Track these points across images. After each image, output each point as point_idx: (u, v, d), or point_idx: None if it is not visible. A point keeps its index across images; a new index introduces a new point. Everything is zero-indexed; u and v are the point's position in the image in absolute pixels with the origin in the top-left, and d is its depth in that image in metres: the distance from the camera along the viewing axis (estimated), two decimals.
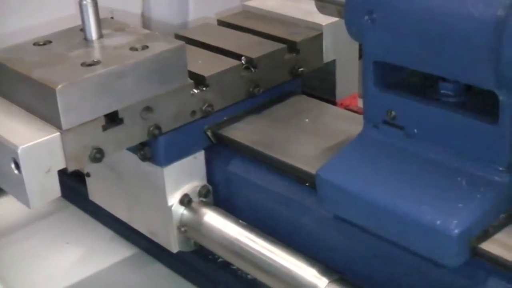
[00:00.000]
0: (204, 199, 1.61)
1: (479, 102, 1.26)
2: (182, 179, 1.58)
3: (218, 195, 1.64)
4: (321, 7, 1.50)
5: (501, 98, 1.18)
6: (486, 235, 1.19)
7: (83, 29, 1.54)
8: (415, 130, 1.31)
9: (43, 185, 1.34)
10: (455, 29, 1.18)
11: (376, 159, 1.34)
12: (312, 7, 1.73)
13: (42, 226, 1.98)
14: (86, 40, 1.53)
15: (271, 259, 1.43)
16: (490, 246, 1.18)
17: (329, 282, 1.34)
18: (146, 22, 2.35)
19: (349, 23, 1.36)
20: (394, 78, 1.35)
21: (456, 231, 1.17)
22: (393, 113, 1.33)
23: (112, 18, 1.87)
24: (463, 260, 1.19)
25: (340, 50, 1.82)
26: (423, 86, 1.33)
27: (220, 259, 1.63)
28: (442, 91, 1.31)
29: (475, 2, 1.16)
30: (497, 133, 1.20)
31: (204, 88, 1.56)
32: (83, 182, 1.82)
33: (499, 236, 1.20)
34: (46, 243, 1.91)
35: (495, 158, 1.22)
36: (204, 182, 1.62)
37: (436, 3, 1.21)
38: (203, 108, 1.56)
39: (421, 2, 1.23)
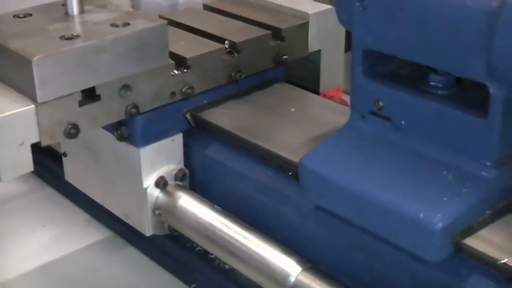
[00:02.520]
0: (180, 183, 1.54)
1: (469, 96, 1.20)
2: (158, 161, 1.50)
3: (195, 179, 1.56)
4: None
5: (491, 91, 1.12)
6: (470, 230, 1.13)
7: (64, 4, 1.47)
8: (403, 122, 1.24)
9: (16, 158, 1.29)
10: (448, 18, 1.12)
11: (361, 149, 1.27)
12: None
13: (18, 206, 1.91)
14: (67, 15, 1.47)
15: (244, 245, 1.37)
16: (474, 242, 1.11)
17: (302, 270, 1.28)
18: (136, 4, 2.27)
19: (340, 9, 1.29)
20: (383, 68, 1.29)
21: (439, 225, 1.10)
22: (380, 103, 1.26)
23: None
24: (446, 256, 1.12)
25: (326, 40, 1.75)
26: (412, 77, 1.27)
27: (198, 248, 1.55)
28: (431, 83, 1.24)
29: None
30: (486, 127, 1.14)
31: (185, 70, 1.49)
32: (60, 163, 1.74)
33: (484, 232, 1.13)
34: (20, 224, 1.83)
35: (482, 153, 1.15)
36: (181, 165, 1.54)
37: None
38: (183, 90, 1.49)
39: None
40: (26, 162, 1.30)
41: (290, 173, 1.35)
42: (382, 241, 1.20)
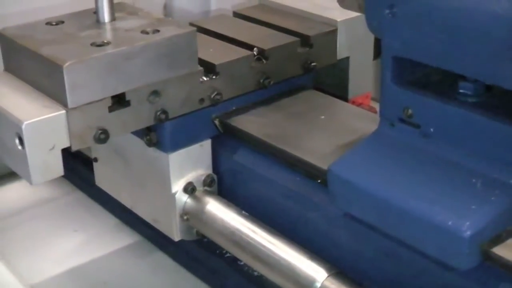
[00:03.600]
0: (208, 188, 1.53)
1: (498, 103, 1.18)
2: (187, 167, 1.50)
3: (223, 185, 1.55)
4: (342, 0, 1.40)
5: None
6: (499, 239, 1.10)
7: (96, 12, 1.47)
8: (432, 129, 1.22)
9: (46, 162, 1.29)
10: (478, 26, 1.10)
11: (390, 157, 1.26)
12: (329, 2, 1.64)
13: (49, 210, 1.91)
14: (99, 22, 1.47)
15: (271, 250, 1.36)
16: (503, 251, 1.09)
17: (328, 276, 1.27)
18: (168, 12, 2.27)
19: (370, 17, 1.27)
20: (412, 75, 1.27)
21: (468, 232, 1.08)
22: (410, 111, 1.25)
23: None
24: (474, 264, 1.10)
25: (355, 47, 1.74)
26: (442, 85, 1.25)
27: (227, 254, 1.54)
28: (461, 91, 1.22)
29: None
30: None
31: (213, 76, 1.48)
32: (91, 167, 1.74)
33: None
34: (52, 227, 1.83)
35: None
36: (209, 171, 1.53)
37: None
38: (212, 96, 1.48)
39: None
40: (57, 167, 1.30)
41: (319, 180, 1.34)
42: (410, 248, 1.18)
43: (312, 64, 1.63)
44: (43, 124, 1.26)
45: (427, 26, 1.16)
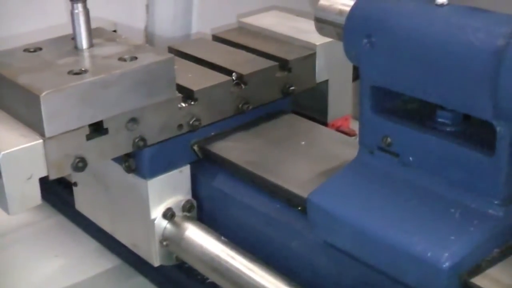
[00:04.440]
0: (187, 214, 1.50)
1: (477, 133, 1.17)
2: (166, 193, 1.48)
3: (203, 210, 1.54)
4: (321, 28, 1.40)
5: (498, 129, 1.09)
6: (478, 269, 1.10)
7: (74, 38, 1.45)
8: (410, 158, 1.22)
9: (24, 192, 1.27)
10: (454, 57, 1.10)
11: (369, 185, 1.25)
12: (307, 26, 1.63)
13: (30, 234, 1.87)
14: (77, 49, 1.45)
15: (249, 277, 1.34)
16: (482, 281, 1.08)
17: None
18: (149, 37, 2.25)
19: (348, 46, 1.27)
20: (391, 104, 1.26)
21: (446, 264, 1.07)
22: (389, 139, 1.24)
23: (115, 31, 1.82)
24: None
25: (334, 70, 1.72)
26: (420, 113, 1.24)
27: (208, 280, 1.51)
28: (439, 120, 1.22)
29: (475, 30, 1.08)
30: (493, 165, 1.11)
31: (192, 102, 1.46)
32: (71, 191, 1.71)
33: (492, 271, 1.10)
34: (32, 252, 1.80)
35: (490, 191, 1.12)
36: (189, 196, 1.51)
37: (436, 30, 1.13)
38: (190, 122, 1.46)
39: (421, 28, 1.15)
40: (34, 196, 1.28)
41: (299, 208, 1.32)
42: (390, 278, 1.16)
43: (291, 88, 1.62)
44: (20, 154, 1.24)
45: (405, 57, 1.16)
